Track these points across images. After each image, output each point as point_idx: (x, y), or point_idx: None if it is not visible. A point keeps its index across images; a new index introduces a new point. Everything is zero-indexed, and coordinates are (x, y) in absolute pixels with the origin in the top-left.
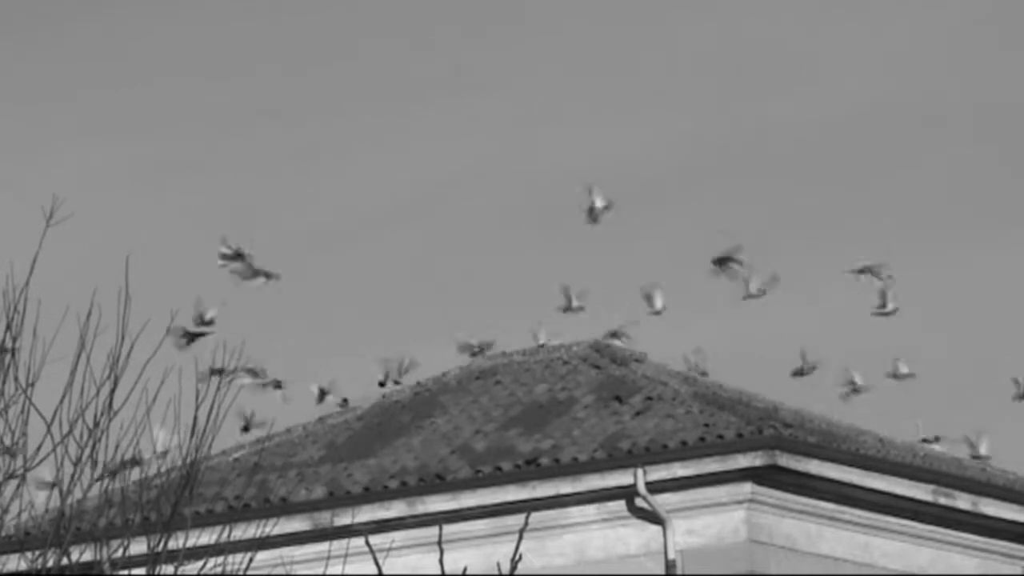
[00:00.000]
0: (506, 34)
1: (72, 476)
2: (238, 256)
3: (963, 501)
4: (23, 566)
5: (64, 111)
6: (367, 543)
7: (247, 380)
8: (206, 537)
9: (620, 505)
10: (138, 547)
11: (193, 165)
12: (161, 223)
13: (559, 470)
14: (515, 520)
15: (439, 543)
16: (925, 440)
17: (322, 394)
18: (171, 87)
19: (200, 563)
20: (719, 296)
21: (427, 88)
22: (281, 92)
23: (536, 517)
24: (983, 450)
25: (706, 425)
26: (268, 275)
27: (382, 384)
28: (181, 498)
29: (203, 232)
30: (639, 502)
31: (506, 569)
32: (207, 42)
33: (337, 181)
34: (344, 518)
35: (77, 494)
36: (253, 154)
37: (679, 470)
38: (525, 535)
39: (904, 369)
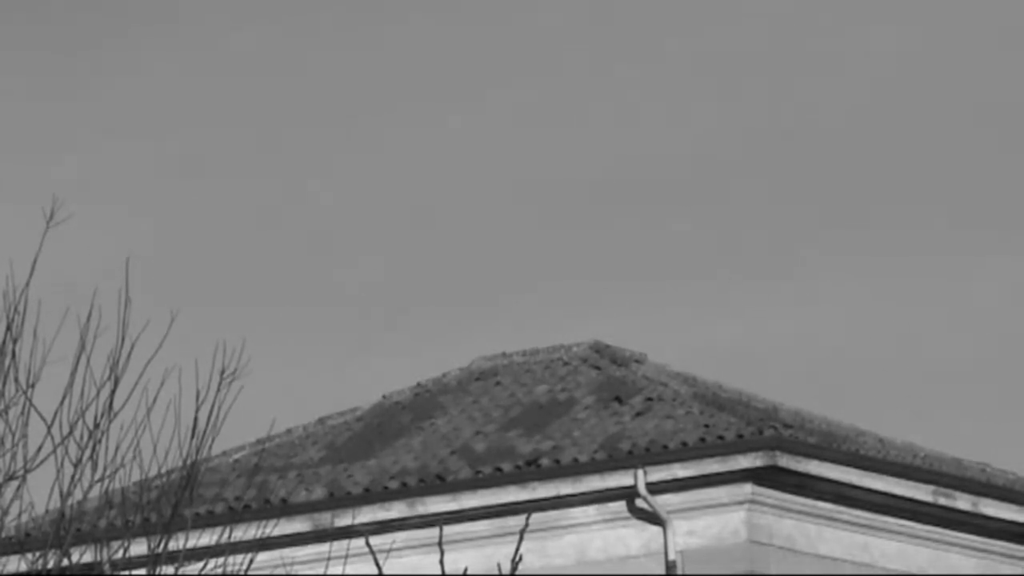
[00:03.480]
0: (507, 34)
1: (72, 477)
2: None
3: (963, 501)
4: (23, 567)
5: (64, 111)
6: (367, 544)
7: None
8: (206, 538)
9: (620, 506)
10: (138, 548)
11: (194, 165)
12: (161, 223)
13: (559, 471)
14: (515, 521)
15: (439, 544)
16: None
17: None
18: (171, 87)
19: (200, 564)
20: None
21: (428, 88)
22: (281, 92)
23: (536, 518)
24: None
25: (706, 426)
26: None
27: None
28: (181, 499)
29: (203, 232)
30: (639, 503)
31: (506, 570)
32: (207, 42)
33: (337, 181)
34: (344, 519)
35: (77, 495)
36: (254, 154)
37: (679, 471)
38: (525, 536)
39: None
